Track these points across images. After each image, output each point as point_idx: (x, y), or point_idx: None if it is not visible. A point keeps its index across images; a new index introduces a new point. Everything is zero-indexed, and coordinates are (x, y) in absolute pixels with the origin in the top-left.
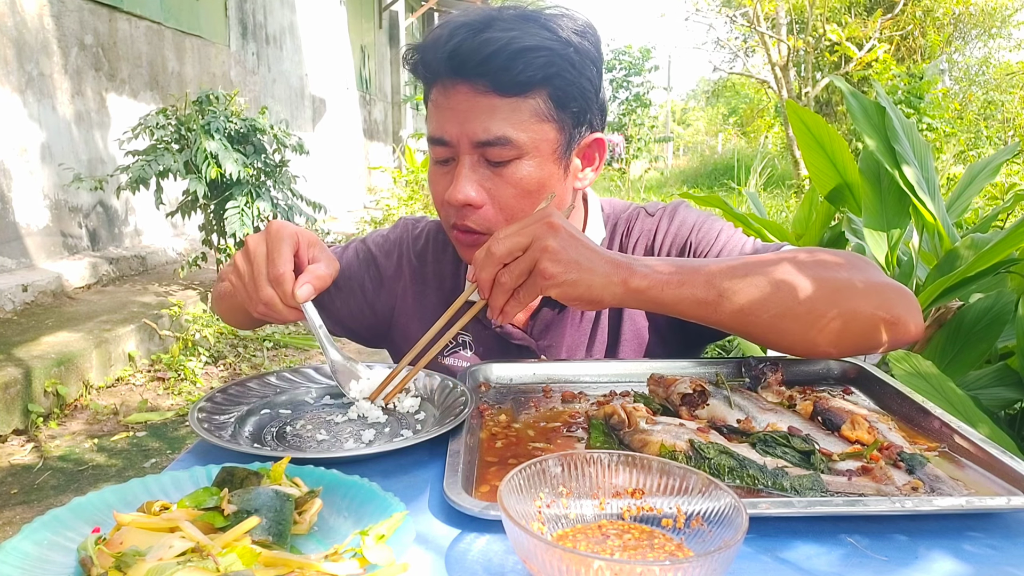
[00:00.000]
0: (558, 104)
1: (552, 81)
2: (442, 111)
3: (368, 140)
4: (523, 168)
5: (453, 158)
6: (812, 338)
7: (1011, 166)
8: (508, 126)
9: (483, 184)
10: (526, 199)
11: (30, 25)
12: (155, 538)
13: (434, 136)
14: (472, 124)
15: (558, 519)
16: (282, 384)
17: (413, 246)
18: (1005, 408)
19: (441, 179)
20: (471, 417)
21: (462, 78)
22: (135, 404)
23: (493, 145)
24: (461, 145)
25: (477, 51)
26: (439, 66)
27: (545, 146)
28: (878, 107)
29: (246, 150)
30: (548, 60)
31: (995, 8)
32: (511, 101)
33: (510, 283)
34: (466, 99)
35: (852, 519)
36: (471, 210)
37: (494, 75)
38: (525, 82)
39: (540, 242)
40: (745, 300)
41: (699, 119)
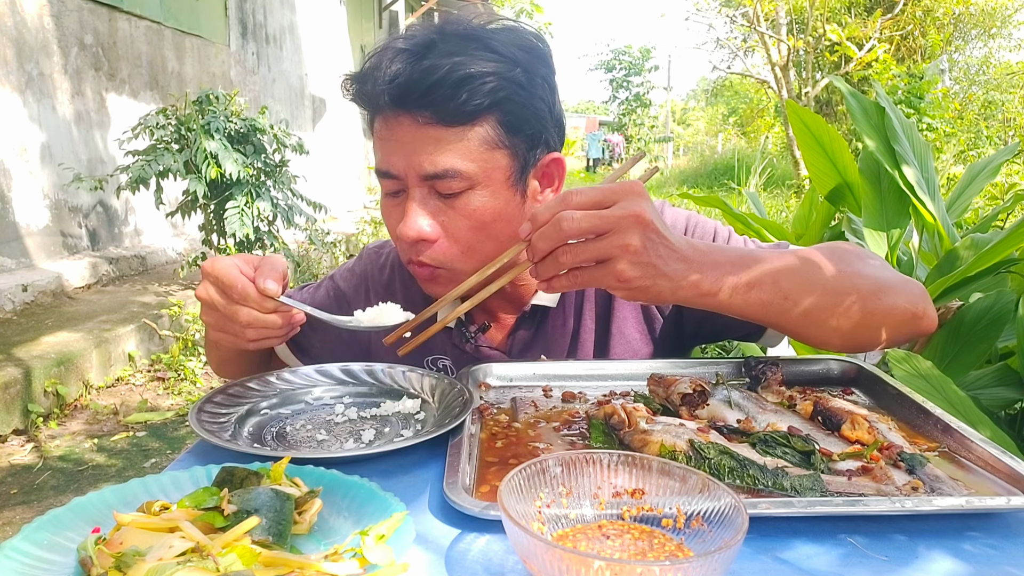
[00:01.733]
0: (509, 129)
1: (500, 106)
2: (386, 143)
3: (368, 140)
4: (476, 199)
5: (403, 190)
6: (859, 336)
7: (1011, 166)
8: (456, 157)
9: (435, 217)
10: (483, 231)
11: (30, 25)
12: (155, 538)
13: (381, 169)
14: (418, 157)
15: (558, 519)
16: (282, 384)
17: (379, 277)
18: (1005, 408)
19: (393, 211)
20: (471, 417)
21: (404, 110)
22: (135, 404)
23: (441, 178)
24: (409, 178)
25: (418, 82)
26: (378, 98)
27: (498, 174)
28: (878, 107)
29: (246, 150)
30: (494, 86)
31: (995, 8)
32: (457, 131)
33: (570, 264)
34: (410, 131)
35: (852, 519)
36: (425, 244)
37: (437, 106)
38: (471, 111)
39: (622, 237)
40: (808, 302)
41: (699, 119)
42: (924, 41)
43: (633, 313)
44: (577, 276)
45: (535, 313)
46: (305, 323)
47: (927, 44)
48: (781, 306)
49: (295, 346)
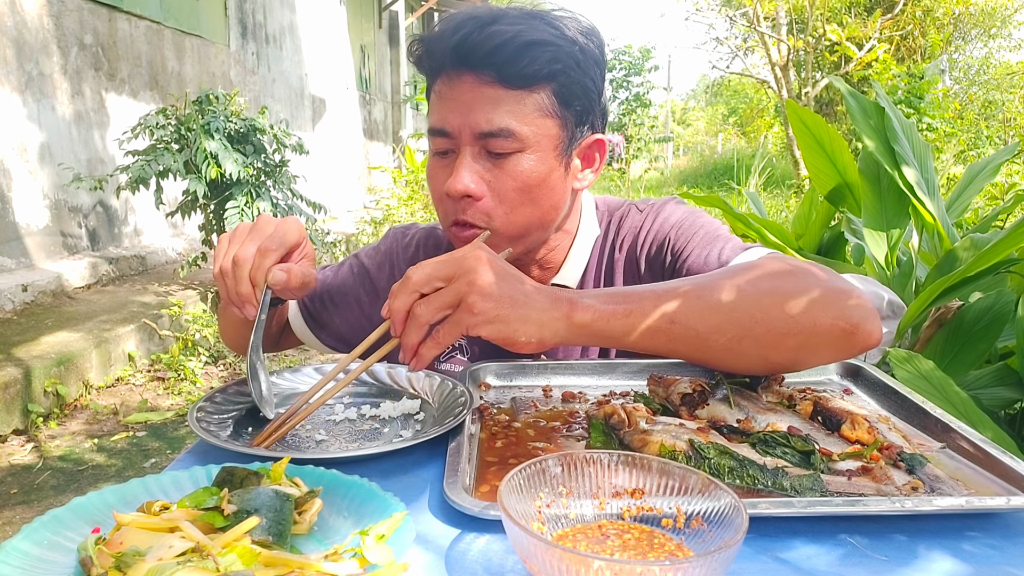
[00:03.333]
0: (562, 101)
1: (557, 77)
2: (445, 101)
3: (368, 140)
4: (524, 161)
5: (453, 150)
6: (771, 358)
7: (1011, 166)
8: (511, 118)
9: (483, 176)
10: (527, 194)
11: (30, 25)
12: (155, 538)
13: (435, 127)
14: (475, 114)
15: (558, 519)
16: (282, 384)
17: (403, 255)
18: (1005, 408)
19: (440, 172)
20: (471, 417)
21: (468, 68)
22: (135, 404)
23: (495, 136)
24: (463, 135)
25: (484, 43)
26: (445, 57)
27: (547, 142)
28: (877, 107)
29: (246, 150)
30: (554, 56)
31: (995, 8)
32: (516, 94)
33: (426, 317)
34: (470, 90)
35: (852, 519)
36: (470, 202)
37: (500, 67)
38: (531, 75)
39: (468, 275)
40: (701, 325)
41: (699, 119)
42: (924, 41)
43: None
44: (439, 332)
45: None
46: (325, 297)
47: (927, 44)
48: (668, 331)
49: (313, 321)
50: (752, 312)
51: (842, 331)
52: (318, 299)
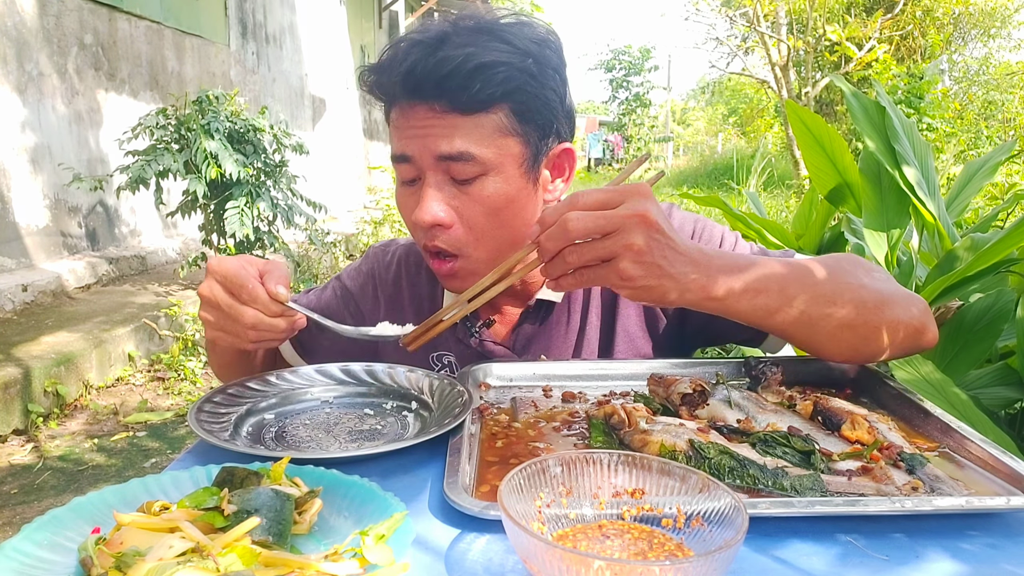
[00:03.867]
0: (521, 118)
1: (513, 96)
2: (402, 130)
3: (368, 140)
4: (489, 185)
5: (418, 177)
6: (860, 348)
7: (1011, 165)
8: (470, 143)
9: (450, 203)
10: (496, 217)
11: (30, 25)
12: (155, 538)
13: (397, 154)
14: (434, 140)
15: (558, 519)
16: (282, 384)
17: (385, 275)
18: (1005, 408)
19: (408, 199)
20: (471, 417)
21: (419, 99)
22: (135, 404)
23: (456, 160)
24: (424, 161)
25: (432, 72)
26: (394, 89)
27: (510, 161)
28: (878, 107)
29: (246, 150)
30: (507, 75)
31: (995, 8)
32: (472, 119)
33: (576, 264)
34: (424, 119)
35: (852, 519)
36: (441, 230)
37: (452, 95)
38: (485, 99)
39: (626, 237)
40: (815, 312)
41: (699, 119)
42: (924, 41)
43: (637, 312)
44: (583, 275)
45: (540, 308)
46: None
47: (927, 44)
48: (785, 313)
49: (301, 348)
50: (856, 304)
51: (916, 329)
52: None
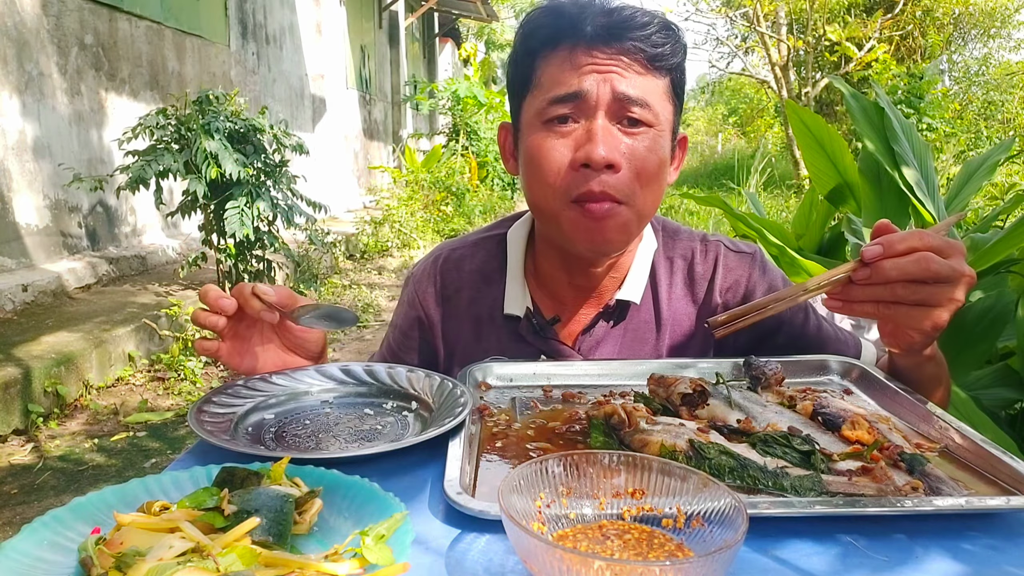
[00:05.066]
0: (675, 90)
1: (676, 69)
2: (578, 67)
3: (368, 140)
4: (654, 138)
5: (575, 118)
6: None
7: (1011, 165)
8: (649, 94)
9: (618, 146)
10: (656, 168)
11: (30, 25)
12: (155, 538)
13: (566, 93)
14: (618, 79)
15: (558, 519)
16: (282, 384)
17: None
18: (1005, 408)
19: (559, 141)
20: (471, 417)
21: (612, 40)
22: (135, 404)
23: (636, 104)
24: (600, 97)
25: (632, 19)
26: (584, 27)
27: (667, 126)
28: (878, 108)
29: (246, 150)
30: (680, 46)
31: (995, 8)
32: (649, 76)
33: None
34: (612, 60)
35: (852, 519)
36: (611, 172)
37: (645, 43)
38: (666, 58)
39: (958, 292)
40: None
41: (699, 119)
42: (924, 41)
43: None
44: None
45: (617, 309)
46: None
47: (927, 44)
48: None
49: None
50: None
51: None
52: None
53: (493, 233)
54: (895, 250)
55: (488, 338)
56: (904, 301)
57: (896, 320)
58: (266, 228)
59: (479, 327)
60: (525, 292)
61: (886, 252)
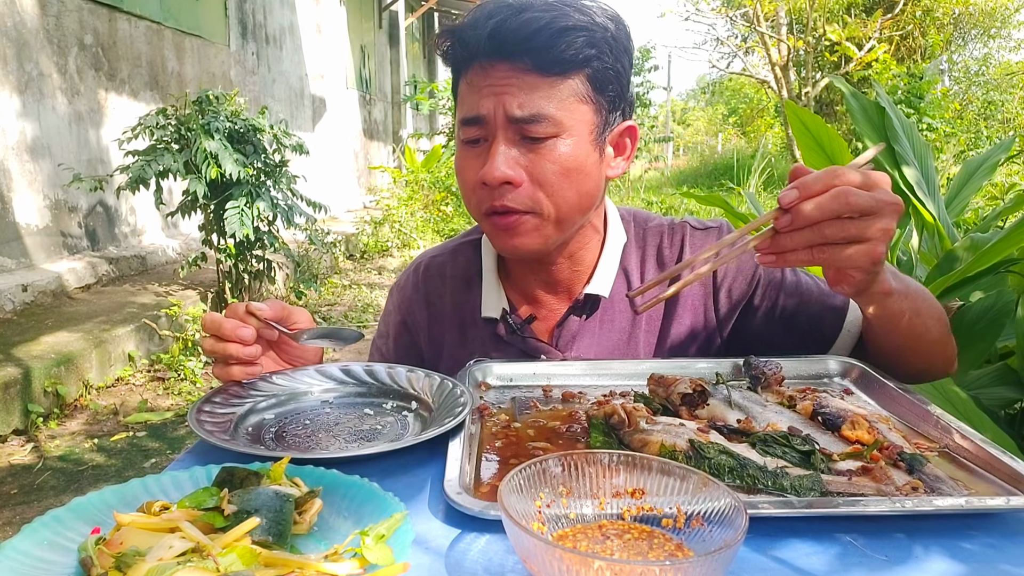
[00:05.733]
0: (595, 87)
1: (591, 63)
2: (478, 89)
3: (368, 140)
4: (561, 146)
5: (485, 138)
6: (930, 364)
7: (1011, 166)
8: (547, 104)
9: (519, 162)
10: (565, 177)
11: (30, 25)
12: (155, 538)
13: (468, 116)
14: (510, 99)
15: (558, 519)
16: (282, 384)
17: (416, 292)
18: (1005, 408)
19: (472, 161)
20: (471, 417)
21: (502, 57)
22: (135, 404)
23: (530, 122)
24: (496, 121)
25: (519, 29)
26: (479, 45)
27: (583, 127)
28: (878, 107)
29: (246, 150)
30: (588, 41)
31: (995, 8)
32: (551, 80)
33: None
34: (505, 77)
35: (852, 519)
36: (509, 188)
37: (536, 53)
38: (566, 61)
39: (889, 221)
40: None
41: (699, 119)
42: (924, 41)
43: (690, 322)
44: (823, 252)
45: (587, 303)
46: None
47: (927, 44)
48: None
49: None
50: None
51: (953, 354)
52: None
53: (471, 238)
54: (811, 190)
55: (472, 341)
56: (833, 240)
57: (833, 262)
58: (266, 228)
59: (463, 331)
60: (501, 294)
61: (803, 194)
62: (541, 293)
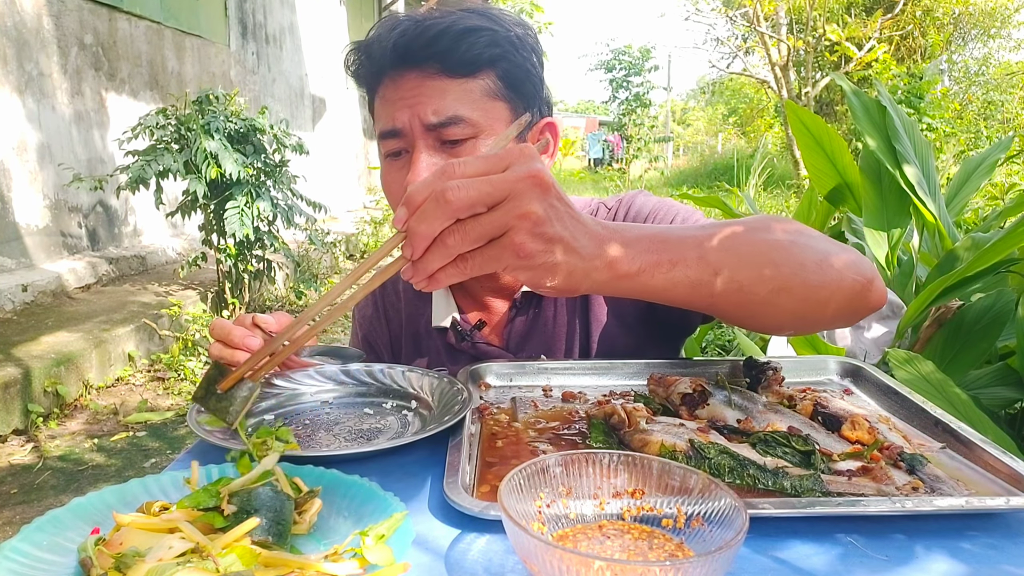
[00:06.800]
0: (507, 84)
1: (499, 61)
2: (391, 102)
3: (368, 140)
4: (481, 146)
5: (406, 149)
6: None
7: (1011, 166)
8: (460, 105)
9: None
10: None
11: (30, 25)
12: (155, 539)
13: (385, 129)
14: (423, 107)
15: (558, 519)
16: (282, 384)
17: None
18: (1005, 408)
19: (396, 174)
20: (471, 417)
21: (409, 65)
22: (135, 404)
23: (447, 125)
24: (414, 131)
25: (421, 36)
26: (385, 58)
27: (500, 125)
28: (879, 105)
29: (246, 150)
30: (492, 40)
31: (995, 8)
32: (460, 82)
33: (460, 248)
34: (415, 85)
35: (852, 519)
36: None
37: (441, 56)
38: (472, 60)
39: (521, 203)
40: (743, 276)
41: (699, 119)
42: (924, 41)
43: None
44: (467, 261)
45: (528, 302)
46: None
47: (927, 44)
48: (711, 284)
49: None
50: (790, 264)
51: (862, 287)
52: None
53: None
54: (415, 202)
55: (428, 352)
56: (467, 247)
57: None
58: (266, 228)
59: (418, 342)
60: (450, 303)
61: (409, 210)
62: (488, 298)
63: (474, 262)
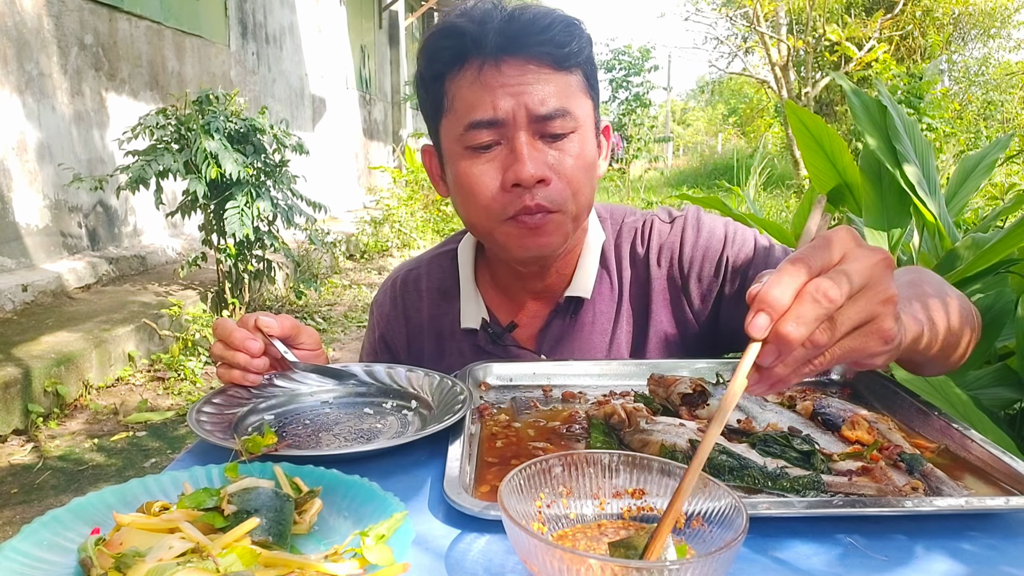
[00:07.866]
0: (589, 82)
1: (588, 60)
2: (491, 89)
3: (368, 140)
4: (578, 141)
5: (498, 141)
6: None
7: (1011, 166)
8: (565, 99)
9: (546, 160)
10: (586, 172)
11: (30, 25)
12: (155, 539)
13: (482, 119)
14: (530, 97)
15: (558, 519)
16: (282, 384)
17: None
18: (1005, 408)
19: (487, 166)
20: (471, 417)
21: (514, 52)
22: (135, 404)
23: (553, 118)
24: (516, 121)
25: (531, 23)
26: (487, 41)
27: (589, 122)
28: (879, 105)
29: (246, 150)
30: (586, 38)
31: (995, 8)
32: (563, 75)
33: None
34: (520, 73)
35: (852, 519)
36: (542, 187)
37: (552, 46)
38: (575, 54)
39: (882, 288)
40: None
41: (699, 119)
42: (924, 41)
43: (668, 316)
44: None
45: (569, 305)
46: None
47: (927, 44)
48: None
49: None
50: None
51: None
52: None
53: (446, 249)
54: (781, 305)
55: (451, 353)
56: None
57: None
58: (266, 228)
59: (441, 343)
60: (479, 304)
61: (774, 315)
62: (523, 299)
63: (832, 355)
